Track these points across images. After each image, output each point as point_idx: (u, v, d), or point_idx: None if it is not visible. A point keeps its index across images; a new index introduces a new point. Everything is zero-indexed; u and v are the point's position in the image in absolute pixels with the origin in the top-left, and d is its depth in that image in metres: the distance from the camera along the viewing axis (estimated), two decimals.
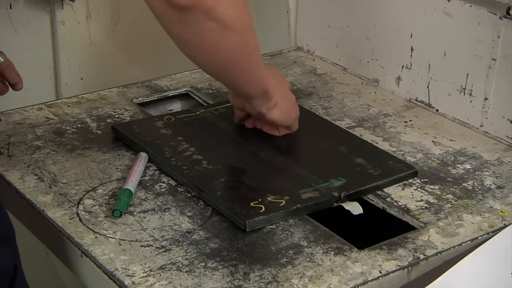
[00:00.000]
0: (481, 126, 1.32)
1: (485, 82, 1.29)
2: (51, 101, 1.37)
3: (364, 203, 1.12)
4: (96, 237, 1.02)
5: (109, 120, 1.30)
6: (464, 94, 1.33)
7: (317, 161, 1.18)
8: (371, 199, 1.14)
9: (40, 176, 1.14)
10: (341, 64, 1.55)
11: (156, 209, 1.08)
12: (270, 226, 1.05)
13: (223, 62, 1.04)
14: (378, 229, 1.08)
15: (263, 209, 1.05)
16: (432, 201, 1.12)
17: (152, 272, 0.96)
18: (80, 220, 1.05)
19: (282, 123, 1.20)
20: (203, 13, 0.94)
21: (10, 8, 1.47)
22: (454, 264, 0.97)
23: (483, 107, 1.31)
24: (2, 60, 1.19)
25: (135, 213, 1.06)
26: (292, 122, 1.22)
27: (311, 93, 1.44)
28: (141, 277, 0.95)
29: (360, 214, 1.10)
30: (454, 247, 1.03)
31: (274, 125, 1.21)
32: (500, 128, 1.29)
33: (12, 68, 1.19)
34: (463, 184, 1.17)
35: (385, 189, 1.15)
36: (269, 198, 1.08)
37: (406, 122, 1.35)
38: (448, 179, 1.18)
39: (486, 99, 1.30)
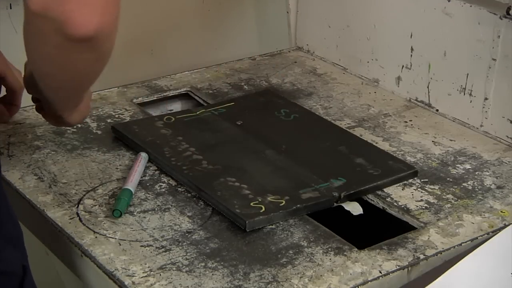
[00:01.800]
0: (481, 126, 1.32)
1: (485, 82, 1.29)
2: None
3: (364, 203, 1.12)
4: (96, 237, 1.02)
5: (109, 120, 1.30)
6: (464, 94, 1.33)
7: (317, 161, 1.18)
8: (371, 199, 1.14)
9: (40, 176, 1.14)
10: (341, 64, 1.55)
11: (156, 209, 1.08)
12: (270, 226, 1.05)
13: (73, 85, 0.95)
14: (378, 229, 1.08)
15: (263, 209, 1.05)
16: (432, 201, 1.12)
17: (152, 272, 0.96)
18: (80, 220, 1.05)
19: (76, 124, 1.14)
20: (93, 46, 0.83)
21: (10, 8, 1.46)
22: (454, 264, 0.97)
23: (483, 107, 1.31)
24: None
25: (135, 213, 1.06)
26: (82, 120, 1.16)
27: (311, 93, 1.44)
28: (141, 277, 0.95)
29: (360, 214, 1.10)
30: (454, 247, 1.03)
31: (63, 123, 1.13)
32: (500, 128, 1.29)
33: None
34: (463, 184, 1.17)
35: (385, 189, 1.15)
36: (269, 198, 1.08)
37: (406, 122, 1.35)
38: (448, 179, 1.18)
39: (486, 99, 1.30)
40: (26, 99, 1.36)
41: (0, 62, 1.15)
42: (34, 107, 1.16)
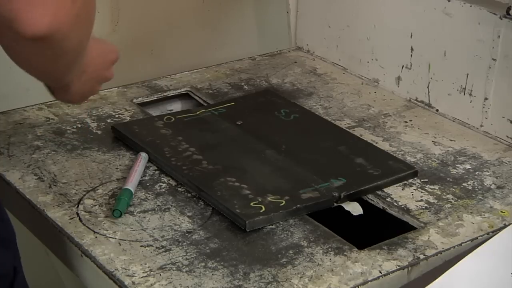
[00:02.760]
0: (481, 126, 1.32)
1: (485, 82, 1.29)
2: (51, 101, 1.36)
3: (364, 203, 1.12)
4: (96, 237, 1.02)
5: (109, 120, 1.30)
6: (464, 94, 1.33)
7: (317, 161, 1.18)
8: (371, 199, 1.14)
9: (40, 176, 1.14)
10: (341, 64, 1.55)
11: (156, 209, 1.08)
12: (270, 226, 1.05)
13: (41, 74, 0.94)
14: (378, 229, 1.08)
15: (263, 209, 1.05)
16: (432, 201, 1.12)
17: (152, 272, 0.96)
18: (80, 220, 1.05)
19: (68, 103, 1.12)
20: (48, 44, 0.81)
21: None
22: (454, 264, 0.97)
23: (483, 107, 1.31)
24: None
25: (135, 213, 1.06)
26: (84, 100, 1.12)
27: (311, 93, 1.44)
28: (141, 277, 0.95)
29: (360, 214, 1.10)
30: (454, 247, 1.03)
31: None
32: (500, 128, 1.29)
33: None
34: (463, 184, 1.17)
35: (385, 189, 1.15)
36: (269, 198, 1.08)
37: (406, 122, 1.35)
38: (448, 179, 1.18)
39: (486, 99, 1.30)
40: (27, 99, 1.37)
41: None
42: None
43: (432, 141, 1.29)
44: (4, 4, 0.76)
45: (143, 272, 0.95)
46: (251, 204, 1.06)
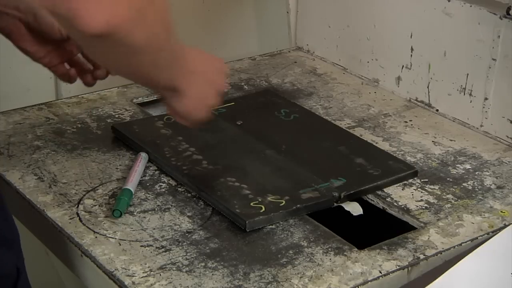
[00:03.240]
0: (481, 126, 1.32)
1: (485, 82, 1.29)
2: (51, 101, 1.37)
3: (364, 203, 1.12)
4: (96, 237, 1.02)
5: (109, 120, 1.30)
6: (464, 94, 1.33)
7: (317, 161, 1.18)
8: (371, 199, 1.14)
9: (40, 176, 1.14)
10: (341, 64, 1.55)
11: (156, 209, 1.08)
12: (270, 226, 1.05)
13: (126, 73, 0.96)
14: (378, 229, 1.08)
15: (263, 209, 1.05)
16: (432, 201, 1.12)
17: (152, 272, 0.96)
18: (80, 220, 1.05)
19: (185, 118, 1.08)
20: (113, 41, 0.83)
21: None
22: (454, 264, 0.97)
23: (483, 107, 1.31)
24: None
25: (135, 213, 1.06)
26: (197, 121, 1.09)
27: (311, 93, 1.44)
28: (141, 277, 0.95)
29: (360, 214, 1.10)
30: (454, 247, 1.03)
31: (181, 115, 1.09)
32: (500, 128, 1.29)
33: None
34: (463, 184, 1.17)
35: (385, 189, 1.15)
36: (269, 198, 1.08)
37: (406, 122, 1.35)
38: (448, 179, 1.18)
39: (486, 99, 1.30)
40: (27, 99, 1.37)
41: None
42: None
43: (432, 141, 1.29)
44: (61, 4, 0.77)
45: (143, 272, 0.95)
46: (251, 204, 1.06)
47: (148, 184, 1.13)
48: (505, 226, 1.06)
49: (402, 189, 1.15)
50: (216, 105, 1.08)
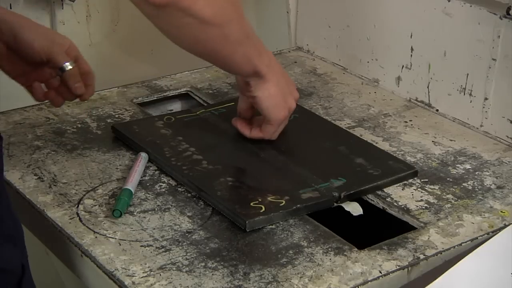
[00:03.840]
0: (481, 126, 1.32)
1: (485, 82, 1.29)
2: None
3: (364, 203, 1.12)
4: (96, 237, 1.02)
5: (109, 120, 1.30)
6: (464, 94, 1.33)
7: (317, 161, 1.18)
8: (371, 199, 1.14)
9: (40, 176, 1.14)
10: (341, 64, 1.55)
11: (156, 209, 1.08)
12: (270, 226, 1.05)
13: (204, 50, 1.03)
14: (378, 229, 1.08)
15: (263, 209, 1.05)
16: (432, 201, 1.12)
17: (152, 272, 0.96)
18: (80, 220, 1.05)
19: (268, 115, 1.15)
20: (180, 10, 0.93)
21: (10, 8, 1.47)
22: (454, 264, 0.97)
23: (483, 107, 1.31)
24: (69, 67, 1.13)
25: (135, 213, 1.06)
26: (279, 121, 1.17)
27: (311, 93, 1.44)
28: (141, 277, 0.95)
29: (360, 215, 1.10)
30: (454, 247, 1.03)
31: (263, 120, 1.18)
32: (500, 128, 1.29)
33: (76, 77, 1.14)
34: (463, 184, 1.17)
35: (385, 189, 1.15)
36: (269, 198, 1.08)
37: (406, 122, 1.35)
38: (448, 179, 1.18)
39: (486, 99, 1.30)
40: (27, 99, 1.37)
41: (71, 47, 1.15)
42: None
43: (432, 141, 1.29)
44: None
45: (143, 272, 0.95)
46: (251, 204, 1.06)
47: (148, 184, 1.13)
48: (505, 226, 1.06)
49: (402, 189, 1.15)
50: (292, 111, 1.16)
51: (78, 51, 1.16)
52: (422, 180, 1.17)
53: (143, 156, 1.16)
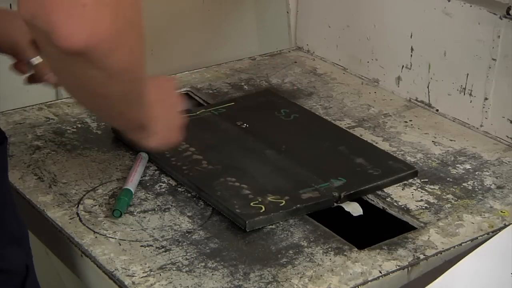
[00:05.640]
0: (481, 126, 1.32)
1: (485, 82, 1.29)
2: (51, 101, 1.37)
3: (364, 203, 1.12)
4: (96, 237, 1.02)
5: None
6: (464, 94, 1.33)
7: (317, 161, 1.18)
8: (371, 199, 1.14)
9: (40, 176, 1.14)
10: (341, 64, 1.55)
11: (156, 209, 1.08)
12: (270, 226, 1.05)
13: (99, 105, 0.90)
14: (378, 229, 1.08)
15: (263, 209, 1.05)
16: (432, 201, 1.12)
17: (152, 272, 0.96)
18: (80, 220, 1.05)
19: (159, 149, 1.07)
20: (89, 61, 0.78)
21: (10, 8, 1.46)
22: (454, 264, 0.97)
23: (483, 107, 1.31)
24: (35, 63, 1.12)
25: (135, 213, 1.06)
26: (173, 143, 1.07)
27: (311, 93, 1.44)
28: (141, 277, 0.95)
29: (360, 215, 1.10)
30: (454, 247, 1.03)
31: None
32: (500, 128, 1.29)
33: (44, 69, 1.11)
34: (463, 184, 1.17)
35: (385, 189, 1.15)
36: (269, 198, 1.08)
37: (406, 122, 1.35)
38: (448, 179, 1.18)
39: (486, 99, 1.30)
40: (27, 99, 1.36)
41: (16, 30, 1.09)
42: None
43: (432, 141, 1.29)
44: (42, 16, 0.73)
45: (143, 272, 0.95)
46: (251, 204, 1.06)
47: (148, 184, 1.13)
48: (505, 226, 1.06)
49: (402, 189, 1.15)
50: (182, 124, 1.06)
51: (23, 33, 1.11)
52: (422, 180, 1.17)
53: (143, 156, 1.16)
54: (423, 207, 1.11)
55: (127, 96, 0.88)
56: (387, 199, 1.13)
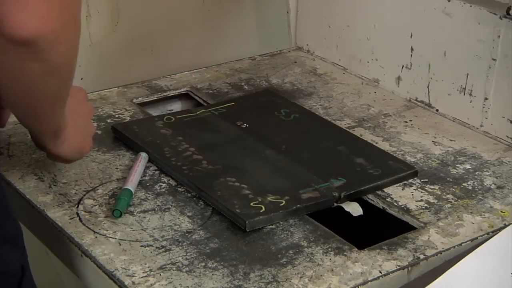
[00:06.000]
0: (481, 126, 1.32)
1: (485, 82, 1.29)
2: None
3: (364, 203, 1.12)
4: (96, 237, 1.02)
5: (109, 120, 1.30)
6: (464, 94, 1.33)
7: (317, 161, 1.18)
8: (371, 199, 1.14)
9: (40, 176, 1.14)
10: (341, 64, 1.55)
11: (156, 209, 1.08)
12: (270, 226, 1.05)
13: (28, 103, 0.90)
14: (378, 229, 1.08)
15: (263, 209, 1.05)
16: (432, 201, 1.12)
17: (152, 272, 0.96)
18: (80, 220, 1.05)
19: (69, 160, 1.09)
20: (33, 52, 0.79)
21: None
22: (454, 264, 0.97)
23: (483, 107, 1.31)
24: None
25: (135, 213, 1.06)
26: (80, 157, 1.10)
27: (311, 93, 1.44)
28: (141, 277, 0.95)
29: (360, 215, 1.10)
30: (454, 247, 1.03)
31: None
32: (500, 128, 1.29)
33: None
34: (463, 184, 1.17)
35: (385, 189, 1.15)
36: (269, 198, 1.08)
37: (406, 122, 1.35)
38: (448, 179, 1.18)
39: (486, 99, 1.30)
40: None
41: None
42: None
43: (432, 141, 1.29)
44: None
45: (143, 272, 0.95)
46: (251, 204, 1.06)
47: (148, 184, 1.13)
48: (505, 226, 1.06)
49: (402, 189, 1.15)
50: (93, 133, 1.08)
51: None
52: (422, 180, 1.17)
53: (143, 156, 1.16)
54: (423, 207, 1.11)
55: (59, 94, 0.90)
56: (387, 199, 1.13)
